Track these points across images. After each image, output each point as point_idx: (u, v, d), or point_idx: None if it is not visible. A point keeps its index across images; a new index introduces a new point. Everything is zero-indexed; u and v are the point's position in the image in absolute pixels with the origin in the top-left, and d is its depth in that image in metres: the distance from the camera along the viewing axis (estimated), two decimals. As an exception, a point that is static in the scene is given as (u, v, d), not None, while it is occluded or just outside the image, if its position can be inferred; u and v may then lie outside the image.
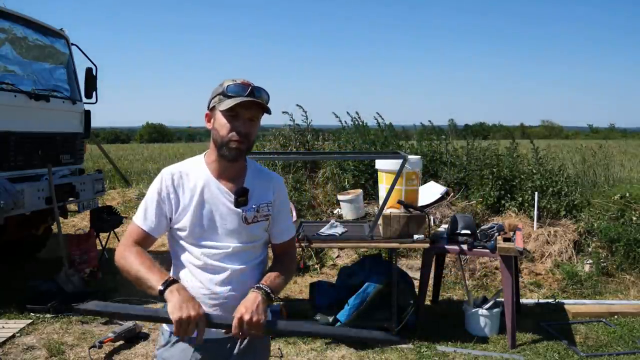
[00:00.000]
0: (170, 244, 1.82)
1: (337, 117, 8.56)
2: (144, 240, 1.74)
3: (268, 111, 1.74)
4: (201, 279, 1.73)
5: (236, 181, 1.78)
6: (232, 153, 1.70)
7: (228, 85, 1.70)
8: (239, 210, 1.75)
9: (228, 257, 1.74)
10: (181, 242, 1.76)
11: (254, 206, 1.77)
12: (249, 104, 1.68)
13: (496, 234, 4.22)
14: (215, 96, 1.74)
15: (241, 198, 1.75)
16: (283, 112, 8.50)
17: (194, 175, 1.76)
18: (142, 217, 1.75)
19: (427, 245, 4.09)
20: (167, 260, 1.82)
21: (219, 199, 1.75)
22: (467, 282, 5.36)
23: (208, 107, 1.77)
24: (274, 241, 1.88)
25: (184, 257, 1.76)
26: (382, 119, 8.39)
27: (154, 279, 1.60)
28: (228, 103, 1.67)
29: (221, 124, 1.70)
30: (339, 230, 4.29)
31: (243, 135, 1.69)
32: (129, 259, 1.67)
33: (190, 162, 1.82)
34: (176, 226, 1.75)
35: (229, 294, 1.72)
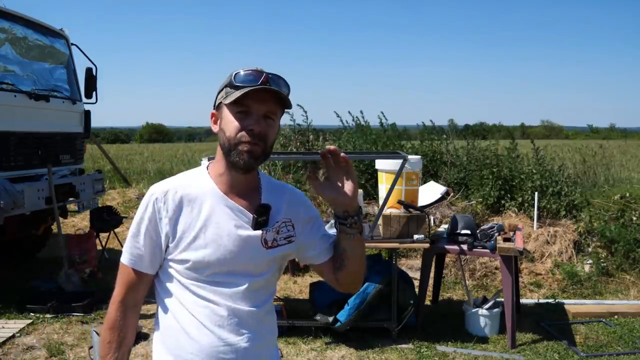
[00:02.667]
0: (160, 281, 1.43)
1: (338, 116, 8.59)
2: (138, 283, 1.42)
3: (288, 105, 1.37)
4: (212, 328, 1.35)
5: (251, 197, 1.42)
6: (243, 158, 1.32)
7: (236, 74, 1.34)
8: (258, 233, 1.39)
9: (244, 296, 1.38)
10: (179, 279, 1.38)
11: (273, 226, 1.42)
12: (263, 95, 1.32)
13: (496, 234, 4.22)
14: (221, 89, 1.38)
15: (262, 218, 1.39)
16: None
17: (195, 192, 1.39)
18: (131, 254, 1.40)
19: (427, 245, 4.10)
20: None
21: (231, 221, 1.38)
22: (467, 282, 5.36)
23: (214, 106, 1.42)
24: (328, 255, 1.48)
25: (185, 300, 1.37)
26: (386, 119, 8.42)
27: None
28: (236, 94, 1.31)
29: (228, 122, 1.34)
30: (339, 230, 4.28)
31: (256, 134, 1.32)
32: (102, 331, 1.43)
33: (188, 175, 1.45)
34: (173, 259, 1.37)
35: (247, 343, 1.38)
